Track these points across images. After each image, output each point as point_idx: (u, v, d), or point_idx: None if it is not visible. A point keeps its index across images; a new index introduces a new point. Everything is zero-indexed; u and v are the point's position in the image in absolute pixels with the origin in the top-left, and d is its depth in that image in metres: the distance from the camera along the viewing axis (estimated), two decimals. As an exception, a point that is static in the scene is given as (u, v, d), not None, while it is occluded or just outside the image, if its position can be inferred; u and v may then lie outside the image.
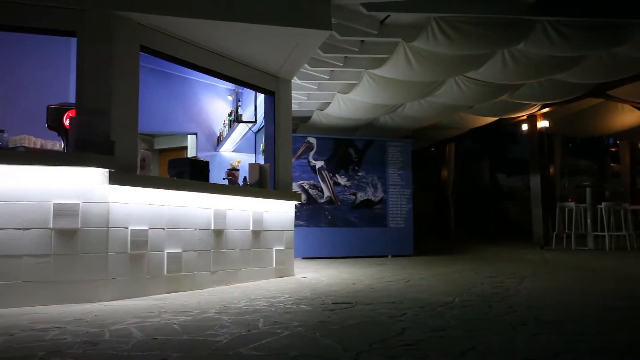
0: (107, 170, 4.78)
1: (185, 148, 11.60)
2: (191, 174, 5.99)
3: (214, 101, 11.10)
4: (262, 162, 8.29)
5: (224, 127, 10.58)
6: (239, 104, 9.60)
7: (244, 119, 9.48)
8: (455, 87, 9.58)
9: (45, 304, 4.42)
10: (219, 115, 11.05)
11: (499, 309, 4.17)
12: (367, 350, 2.85)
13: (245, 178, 7.15)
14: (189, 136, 11.34)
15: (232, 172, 7.18)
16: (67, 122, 5.32)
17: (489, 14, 6.84)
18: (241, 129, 9.94)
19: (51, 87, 7.19)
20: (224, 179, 7.09)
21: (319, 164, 10.70)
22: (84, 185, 4.77)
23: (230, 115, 10.10)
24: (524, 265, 8.31)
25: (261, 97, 8.47)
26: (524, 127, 14.03)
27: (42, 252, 4.54)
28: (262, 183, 6.91)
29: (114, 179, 4.82)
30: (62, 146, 5.47)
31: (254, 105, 9.10)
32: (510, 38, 7.45)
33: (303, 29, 5.92)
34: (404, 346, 2.93)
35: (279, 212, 6.98)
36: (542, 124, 13.44)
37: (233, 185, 6.84)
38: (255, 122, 9.34)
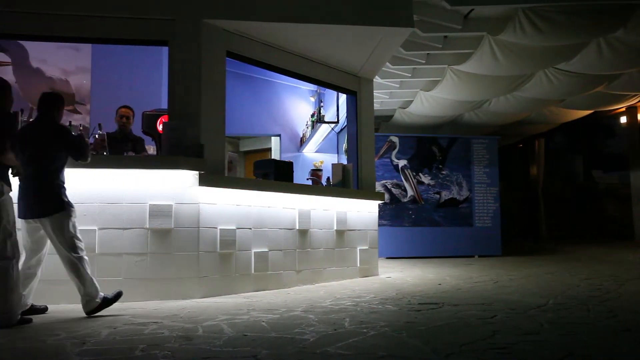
0: (197, 172, 4.98)
1: (270, 149, 11.86)
2: (276, 174, 6.12)
3: (297, 103, 11.27)
4: (345, 162, 8.33)
5: (307, 128, 10.71)
6: (322, 104, 9.68)
7: (326, 119, 9.55)
8: (545, 80, 9.13)
9: (142, 300, 4.67)
10: (302, 117, 11.21)
11: (598, 313, 3.93)
12: (457, 352, 2.78)
13: (328, 178, 7.21)
14: (272, 138, 11.59)
15: (316, 173, 7.25)
16: (160, 127, 5.60)
17: (581, 1, 6.45)
18: (324, 129, 10.01)
19: (145, 93, 7.61)
20: (307, 179, 7.18)
21: (401, 162, 10.59)
22: (176, 187, 5.00)
23: (312, 116, 10.22)
24: (624, 267, 7.79)
25: (343, 97, 8.51)
26: (623, 119, 13.15)
27: (140, 250, 4.81)
28: (345, 183, 6.93)
29: (203, 181, 5.01)
30: (156, 150, 5.78)
31: (336, 105, 9.15)
32: (606, 25, 7.00)
33: (384, 28, 5.88)
34: (495, 349, 2.83)
35: (363, 211, 6.98)
36: (643, 115, 12.56)
37: (317, 186, 6.91)
38: (337, 122, 9.38)
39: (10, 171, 3.94)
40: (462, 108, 11.17)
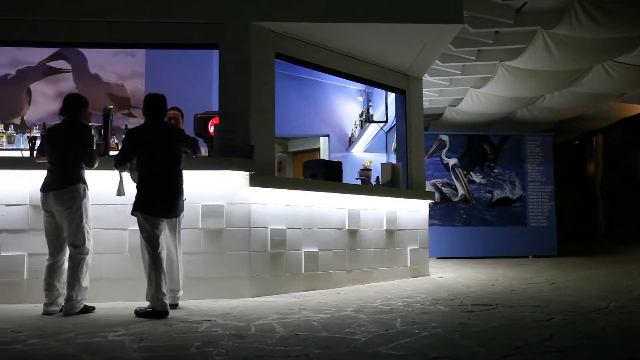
0: (247, 173, 5.05)
1: (318, 150, 11.90)
2: (325, 174, 6.13)
3: (345, 102, 11.26)
4: (394, 161, 8.26)
5: (355, 127, 10.67)
6: (370, 104, 9.63)
7: (375, 118, 9.49)
8: (603, 74, 8.78)
9: (196, 298, 4.77)
10: (350, 116, 11.18)
11: (664, 317, 3.75)
12: (512, 354, 2.71)
13: (377, 178, 7.17)
14: (321, 138, 11.62)
15: (365, 172, 7.23)
16: (211, 129, 5.71)
17: (642, -10, 6.18)
18: (372, 129, 9.95)
19: (197, 96, 7.77)
20: (356, 179, 7.16)
21: (452, 161, 10.42)
22: (227, 188, 5.08)
23: (361, 115, 10.17)
24: (691, 268, 7.40)
25: (392, 96, 8.45)
26: (687, 113, 12.47)
27: (193, 250, 4.91)
28: (395, 182, 6.88)
29: (254, 182, 5.08)
30: (207, 151, 5.89)
31: (385, 104, 9.08)
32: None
33: (434, 25, 5.80)
34: (554, 352, 2.75)
35: (413, 211, 6.90)
36: None
37: (366, 185, 6.88)
38: (386, 121, 9.31)
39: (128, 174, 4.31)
40: (514, 105, 10.89)
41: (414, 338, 3.10)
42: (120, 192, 4.38)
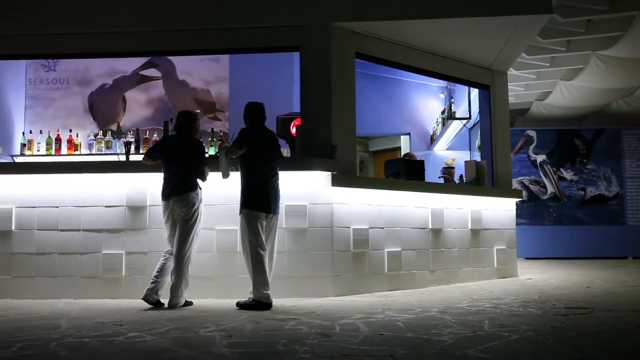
0: (329, 173, 5.09)
1: (399, 148, 11.77)
2: (407, 173, 6.07)
3: (426, 100, 11.07)
4: (478, 158, 8.03)
5: (437, 125, 10.46)
6: (452, 100, 9.41)
7: (457, 115, 9.26)
8: None
9: (281, 297, 4.87)
10: (432, 114, 10.98)
11: None
12: (612, 362, 2.55)
13: (461, 176, 7.00)
14: (402, 136, 11.49)
15: (448, 171, 7.08)
16: (293, 130, 5.80)
17: None
18: (455, 126, 9.71)
19: (278, 98, 7.93)
20: (439, 177, 7.03)
21: (540, 158, 9.98)
22: (310, 188, 5.15)
23: (443, 113, 9.96)
24: None
25: (475, 92, 8.21)
26: None
27: (278, 249, 4.99)
28: (480, 180, 6.69)
29: (336, 181, 5.11)
30: (290, 152, 5.99)
31: (468, 101, 8.84)
32: None
33: (519, 16, 5.57)
34: (659, 362, 2.56)
35: (499, 210, 6.67)
36: None
37: (449, 184, 6.74)
38: (469, 118, 9.05)
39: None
40: (609, 96, 10.25)
41: (503, 341, 3.00)
42: (226, 174, 4.58)
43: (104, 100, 8.47)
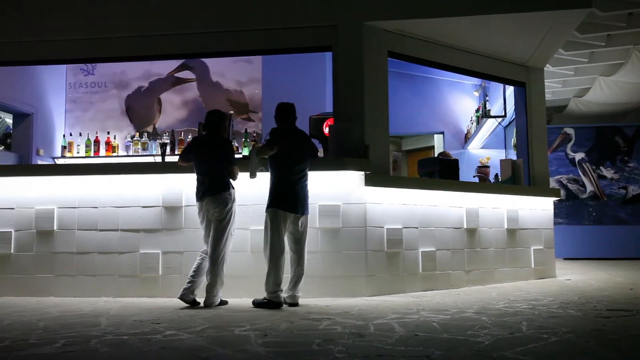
0: (363, 173, 5.07)
1: (432, 147, 11.66)
2: (441, 173, 6.00)
3: (460, 98, 10.93)
4: (514, 157, 7.89)
5: (472, 123, 10.32)
6: (487, 98, 9.27)
7: (492, 113, 9.12)
8: None
9: (314, 297, 4.88)
10: (466, 112, 10.84)
11: None
12: (658, 366, 2.47)
13: (496, 175, 6.89)
14: (435, 135, 11.38)
15: (483, 169, 6.99)
16: (326, 130, 5.81)
17: None
18: (490, 124, 9.57)
19: (311, 98, 7.94)
20: (474, 176, 6.94)
21: (578, 156, 9.74)
22: (343, 188, 5.14)
23: (477, 111, 9.82)
24: None
25: (510, 90, 8.07)
26: None
27: (311, 249, 5.01)
28: (515, 179, 6.57)
29: (369, 181, 5.09)
30: (322, 152, 6.00)
31: (503, 98, 8.69)
32: None
33: (557, 11, 5.45)
34: None
35: (536, 209, 6.54)
36: None
37: (484, 183, 6.64)
38: (504, 116, 8.90)
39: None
40: (651, 92, 9.94)
41: (542, 343, 2.94)
42: (254, 174, 4.60)
43: (140, 102, 8.65)
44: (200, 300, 4.54)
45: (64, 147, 8.27)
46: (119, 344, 3.08)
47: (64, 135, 8.40)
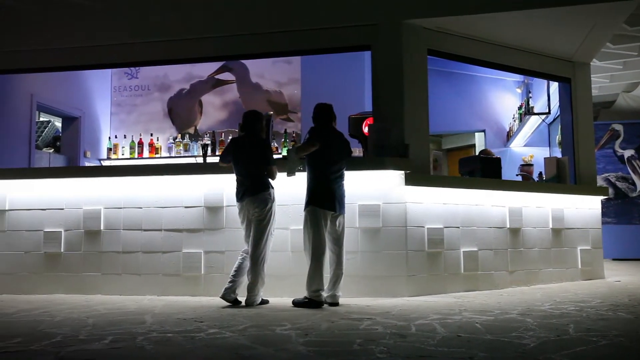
0: (403, 172, 5.03)
1: (473, 146, 11.47)
2: (483, 171, 5.90)
3: (502, 96, 10.71)
4: (558, 155, 7.69)
5: (514, 121, 10.10)
6: (530, 95, 9.05)
7: (535, 110, 8.89)
8: None
9: (355, 297, 4.87)
10: (508, 110, 10.62)
11: None
12: None
13: (540, 173, 6.73)
14: (476, 134, 11.19)
15: (526, 168, 6.84)
16: (365, 130, 5.79)
17: None
18: (533, 121, 9.33)
19: (350, 98, 7.93)
20: (517, 175, 6.80)
21: (627, 153, 9.41)
22: (383, 187, 5.11)
23: (520, 108, 9.60)
24: None
25: (555, 86, 7.86)
26: None
27: (351, 249, 5.01)
28: (561, 177, 6.39)
29: (409, 180, 5.05)
30: (362, 152, 5.98)
31: (547, 95, 8.47)
32: None
33: (603, 4, 5.27)
34: None
35: (582, 208, 6.35)
36: None
37: (528, 181, 6.49)
38: (548, 113, 8.67)
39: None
40: None
41: (591, 347, 2.85)
42: (292, 173, 4.64)
43: (181, 104, 8.83)
44: (242, 299, 4.59)
45: (109, 149, 8.51)
46: (164, 341, 3.15)
47: (109, 138, 8.65)
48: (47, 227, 5.51)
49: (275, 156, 4.95)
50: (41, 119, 8.50)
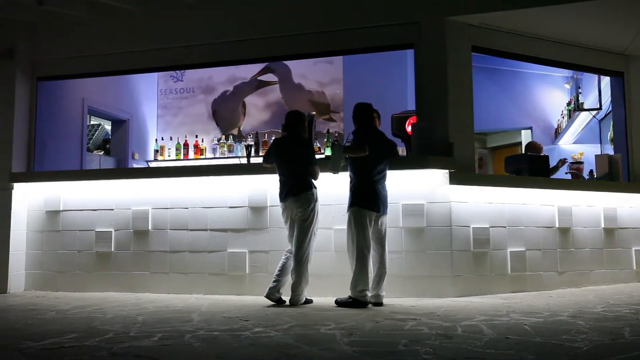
0: (447, 171, 4.97)
1: (519, 144, 11.19)
2: (530, 170, 5.75)
3: (549, 92, 10.41)
4: (610, 152, 7.42)
5: (562, 118, 9.81)
6: (579, 91, 8.76)
7: (585, 106, 8.61)
8: None
9: (399, 297, 4.84)
10: (556, 106, 10.31)
11: None
12: None
13: (591, 171, 6.51)
14: (522, 131, 10.91)
15: (575, 166, 6.63)
16: (409, 129, 5.74)
17: None
18: (583, 118, 9.03)
19: (392, 97, 7.87)
20: (566, 173, 6.60)
21: (684, 149, 8.97)
22: (427, 187, 5.06)
23: (569, 104, 9.31)
24: None
25: (606, 80, 7.59)
26: None
27: (395, 248, 4.98)
28: (613, 175, 6.17)
29: (454, 179, 4.98)
30: (405, 151, 5.93)
31: (598, 90, 8.19)
32: None
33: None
34: None
35: (637, 207, 6.11)
36: None
37: (577, 180, 6.30)
38: (599, 109, 8.37)
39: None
40: None
41: (647, 351, 2.74)
42: (337, 171, 4.64)
43: (225, 106, 8.95)
44: (286, 298, 4.62)
45: (156, 151, 8.72)
46: (211, 339, 3.20)
47: (156, 140, 8.85)
48: (98, 227, 5.70)
49: (317, 156, 4.96)
50: (92, 122, 8.78)
